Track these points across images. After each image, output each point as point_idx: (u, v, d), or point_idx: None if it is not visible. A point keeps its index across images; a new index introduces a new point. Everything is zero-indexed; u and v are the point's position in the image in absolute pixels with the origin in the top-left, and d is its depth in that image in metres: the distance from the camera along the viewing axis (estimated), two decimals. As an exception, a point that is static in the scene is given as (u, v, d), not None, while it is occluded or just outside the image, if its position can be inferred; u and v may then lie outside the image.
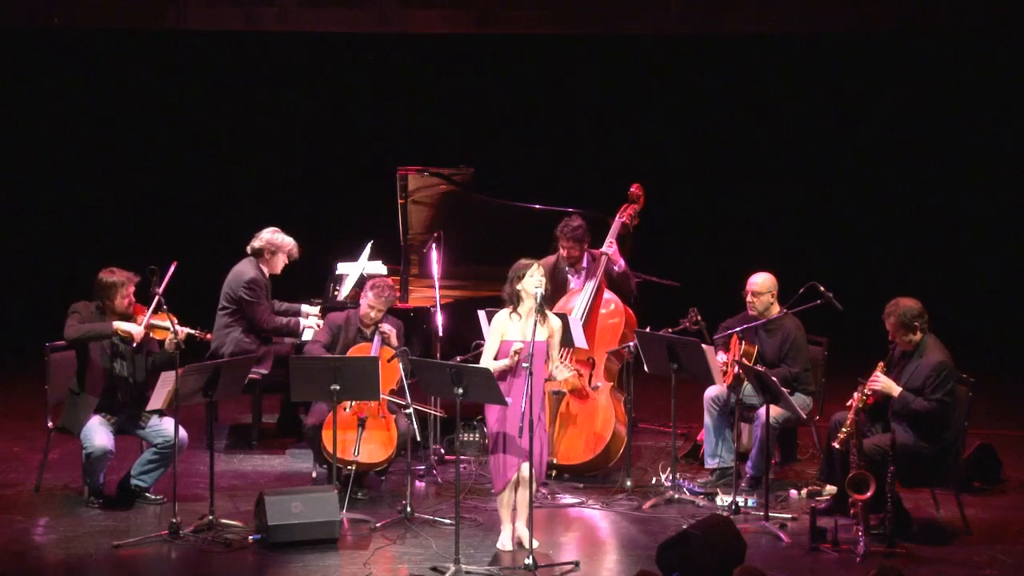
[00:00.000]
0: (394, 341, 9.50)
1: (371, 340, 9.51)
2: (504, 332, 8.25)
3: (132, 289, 9.17)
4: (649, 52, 14.85)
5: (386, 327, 9.54)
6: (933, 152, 14.90)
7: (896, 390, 8.60)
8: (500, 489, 8.31)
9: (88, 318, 9.14)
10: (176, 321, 8.91)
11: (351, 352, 9.44)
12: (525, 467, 8.15)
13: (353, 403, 9.22)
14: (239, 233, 10.67)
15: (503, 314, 8.30)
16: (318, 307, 10.60)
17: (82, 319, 9.12)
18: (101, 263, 9.36)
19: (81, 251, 13.89)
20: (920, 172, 14.96)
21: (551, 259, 10.21)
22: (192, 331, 9.07)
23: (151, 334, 9.17)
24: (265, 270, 10.47)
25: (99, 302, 9.18)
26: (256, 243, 10.48)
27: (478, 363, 8.30)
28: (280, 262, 10.53)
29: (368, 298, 9.58)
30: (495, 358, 8.23)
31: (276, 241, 10.48)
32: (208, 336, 9.41)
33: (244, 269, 10.45)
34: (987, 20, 14.30)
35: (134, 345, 9.10)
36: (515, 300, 8.27)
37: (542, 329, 8.19)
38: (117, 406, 9.17)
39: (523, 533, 8.32)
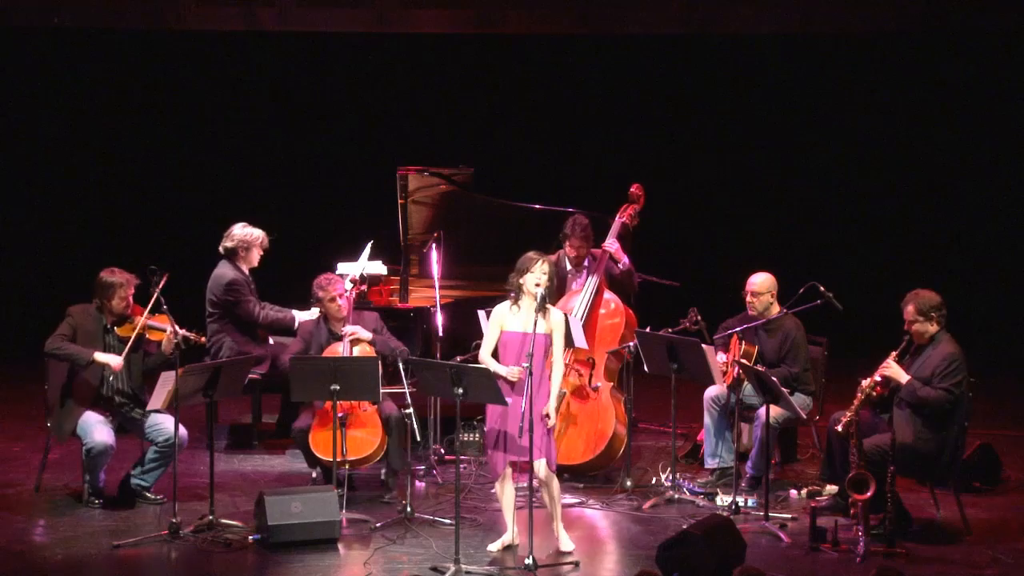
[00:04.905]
0: (364, 335, 9.50)
1: (341, 339, 9.52)
2: (503, 323, 8.23)
3: (131, 291, 9.19)
4: (649, 52, 14.84)
5: (347, 328, 9.51)
6: (933, 152, 14.88)
7: (904, 377, 8.60)
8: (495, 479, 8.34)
9: (82, 323, 9.14)
10: (173, 322, 8.92)
11: (325, 354, 9.45)
12: (541, 467, 8.15)
13: (324, 403, 9.20)
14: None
15: (504, 306, 8.28)
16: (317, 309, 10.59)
17: (74, 325, 9.12)
18: (100, 263, 9.37)
19: (81, 251, 13.91)
20: (920, 172, 14.95)
21: (552, 258, 10.20)
22: (188, 334, 9.05)
23: (147, 335, 9.18)
24: (243, 267, 10.46)
25: (98, 301, 9.19)
26: (228, 243, 10.43)
27: (477, 362, 8.30)
28: (256, 255, 10.51)
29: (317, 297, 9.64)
30: (494, 349, 8.21)
31: (248, 237, 10.44)
32: (202, 340, 9.38)
33: (222, 272, 10.43)
34: (987, 21, 14.30)
35: (123, 356, 9.09)
36: (517, 292, 8.25)
37: (543, 323, 8.15)
38: (114, 407, 9.18)
39: (562, 537, 8.33)
